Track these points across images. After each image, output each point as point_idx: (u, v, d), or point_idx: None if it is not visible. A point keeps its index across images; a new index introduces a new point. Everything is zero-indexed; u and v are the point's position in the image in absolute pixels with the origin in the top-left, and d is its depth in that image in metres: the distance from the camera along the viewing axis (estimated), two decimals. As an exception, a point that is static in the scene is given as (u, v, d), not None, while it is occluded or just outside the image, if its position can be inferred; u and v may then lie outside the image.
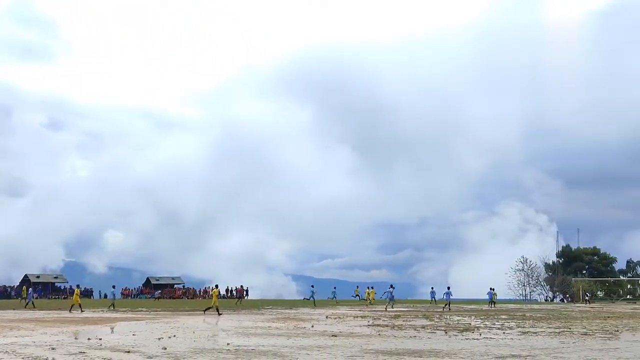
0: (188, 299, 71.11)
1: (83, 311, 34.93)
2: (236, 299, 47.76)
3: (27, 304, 41.81)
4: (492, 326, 23.49)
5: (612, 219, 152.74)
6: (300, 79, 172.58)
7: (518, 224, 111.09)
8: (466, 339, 17.68)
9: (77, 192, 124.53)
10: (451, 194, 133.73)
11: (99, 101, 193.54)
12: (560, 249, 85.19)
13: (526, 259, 78.41)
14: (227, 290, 76.59)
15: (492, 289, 49.36)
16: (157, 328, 21.89)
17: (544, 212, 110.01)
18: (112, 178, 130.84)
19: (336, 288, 48.23)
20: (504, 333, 20.01)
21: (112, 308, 39.12)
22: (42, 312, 35.52)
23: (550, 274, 79.68)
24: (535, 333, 19.92)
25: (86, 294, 70.14)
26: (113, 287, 45.40)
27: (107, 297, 66.25)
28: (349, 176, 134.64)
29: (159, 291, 73.13)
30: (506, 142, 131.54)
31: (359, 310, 37.20)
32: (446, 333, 19.81)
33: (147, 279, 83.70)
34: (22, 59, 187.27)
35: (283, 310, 37.36)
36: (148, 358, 12.98)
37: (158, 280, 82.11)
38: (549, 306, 52.83)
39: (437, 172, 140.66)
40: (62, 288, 77.28)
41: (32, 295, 45.21)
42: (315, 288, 48.25)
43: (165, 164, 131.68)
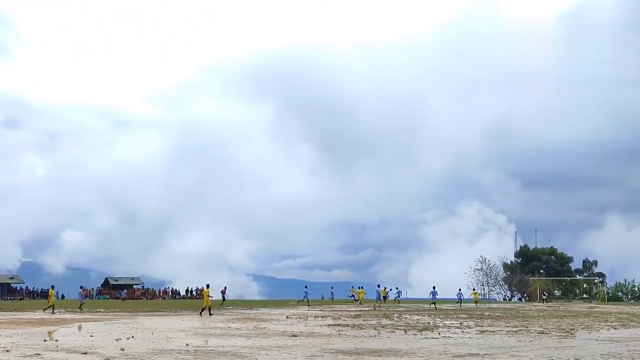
0: (147, 299, 70.13)
1: (54, 313, 34.53)
2: (221, 300, 47.48)
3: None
4: (451, 325, 23.83)
5: (569, 219, 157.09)
6: (262, 78, 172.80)
7: (477, 223, 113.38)
8: (425, 338, 17.87)
9: (34, 191, 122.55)
10: (412, 194, 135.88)
11: (56, 99, 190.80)
12: (519, 248, 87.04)
13: (485, 259, 79.59)
14: (187, 291, 75.93)
15: (460, 289, 50.45)
16: (115, 329, 21.53)
17: (502, 212, 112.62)
18: (70, 177, 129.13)
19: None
20: (462, 332, 20.30)
21: (81, 310, 38.35)
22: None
23: (509, 273, 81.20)
24: (494, 332, 20.25)
25: (43, 295, 68.47)
26: (81, 288, 45.65)
27: (64, 297, 65.23)
28: (311, 176, 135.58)
29: (124, 291, 71.95)
30: (466, 143, 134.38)
31: (319, 310, 37.31)
32: (406, 332, 19.99)
33: (106, 279, 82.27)
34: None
35: (243, 311, 37.22)
36: (105, 359, 12.78)
37: (117, 280, 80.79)
38: (507, 305, 53.82)
39: (398, 172, 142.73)
40: (18, 289, 75.29)
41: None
42: (307, 289, 48.35)
43: (124, 163, 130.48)
